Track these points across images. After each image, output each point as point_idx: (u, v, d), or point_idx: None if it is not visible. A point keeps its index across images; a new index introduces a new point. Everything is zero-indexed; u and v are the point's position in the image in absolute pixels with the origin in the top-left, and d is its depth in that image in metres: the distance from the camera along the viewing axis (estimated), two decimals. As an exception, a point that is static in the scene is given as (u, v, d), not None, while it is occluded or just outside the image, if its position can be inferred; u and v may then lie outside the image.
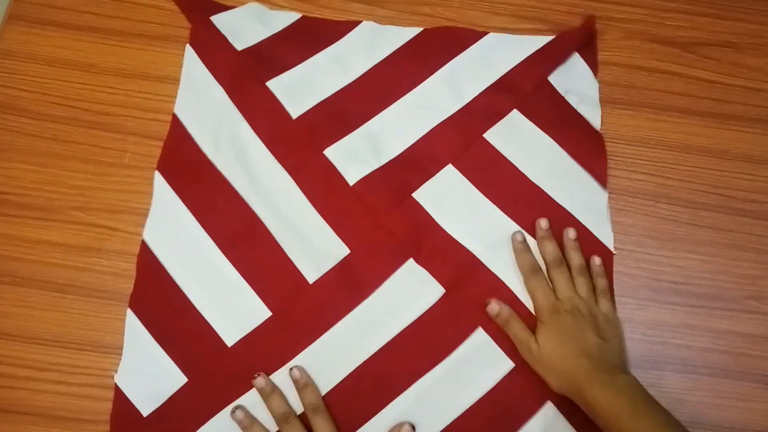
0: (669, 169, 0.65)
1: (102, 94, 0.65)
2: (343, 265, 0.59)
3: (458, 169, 0.62)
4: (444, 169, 0.62)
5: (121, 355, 0.57)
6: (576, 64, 0.67)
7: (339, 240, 0.60)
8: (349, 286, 0.58)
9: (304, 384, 0.55)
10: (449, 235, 0.60)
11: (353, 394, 0.56)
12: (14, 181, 0.62)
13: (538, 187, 0.62)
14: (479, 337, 0.58)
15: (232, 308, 0.58)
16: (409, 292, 0.59)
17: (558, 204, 0.62)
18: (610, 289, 0.60)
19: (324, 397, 0.55)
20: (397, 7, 0.69)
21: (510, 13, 0.70)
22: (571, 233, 0.60)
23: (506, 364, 0.57)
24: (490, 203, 0.62)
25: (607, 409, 0.50)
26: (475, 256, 0.60)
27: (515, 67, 0.66)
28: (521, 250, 0.60)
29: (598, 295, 0.58)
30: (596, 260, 0.60)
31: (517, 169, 0.63)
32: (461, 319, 0.58)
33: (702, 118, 0.67)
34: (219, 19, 0.66)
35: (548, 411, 0.56)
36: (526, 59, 0.66)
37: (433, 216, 0.61)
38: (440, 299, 0.59)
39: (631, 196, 0.64)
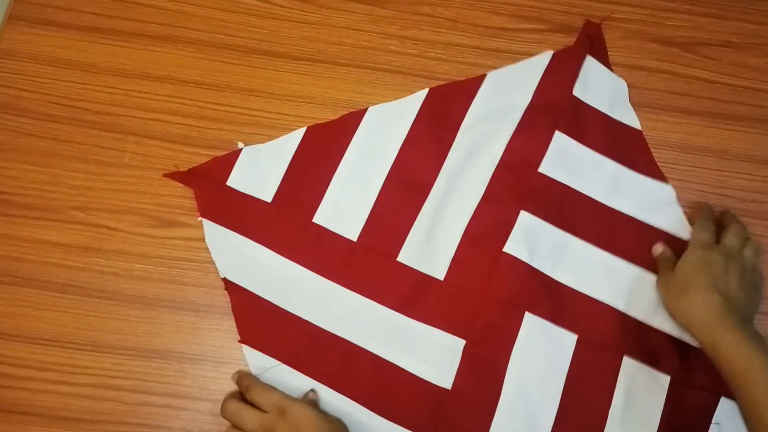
0: (669, 169, 0.65)
1: (102, 94, 0.65)
2: (466, 355, 0.58)
3: (532, 213, 0.61)
4: (519, 216, 0.61)
5: (121, 354, 0.57)
6: (592, 70, 0.66)
7: (450, 336, 0.58)
8: (483, 366, 0.58)
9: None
10: (553, 279, 0.60)
11: None
12: (14, 181, 0.62)
13: (609, 208, 0.62)
14: (629, 364, 0.58)
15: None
16: (544, 349, 0.58)
17: (635, 219, 0.62)
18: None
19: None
20: (397, 6, 0.69)
21: (510, 13, 0.70)
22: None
23: (665, 379, 0.58)
24: (573, 237, 0.61)
25: (737, 357, 0.49)
26: (585, 295, 0.60)
27: (536, 91, 0.65)
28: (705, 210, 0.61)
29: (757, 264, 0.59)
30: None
31: (583, 194, 0.62)
32: (606, 356, 0.58)
33: (702, 118, 0.67)
34: (234, 180, 0.62)
35: (724, 406, 0.57)
36: (542, 80, 0.65)
37: (530, 263, 0.60)
38: (577, 345, 0.58)
39: (631, 196, 0.64)
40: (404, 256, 0.60)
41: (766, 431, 0.46)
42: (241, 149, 0.62)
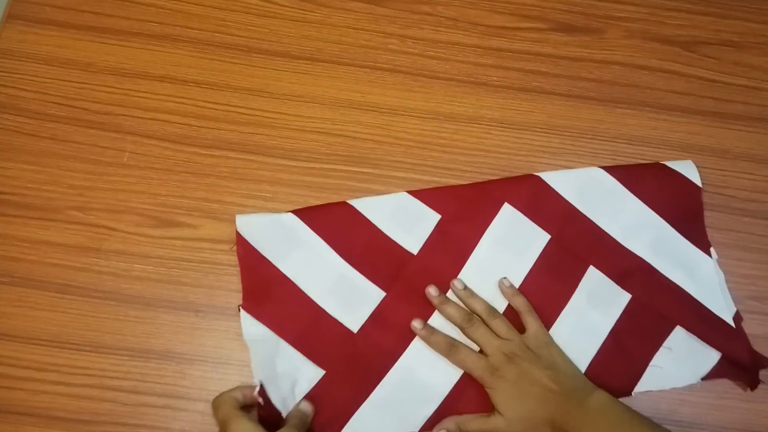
0: (670, 169, 0.65)
1: (101, 94, 0.65)
2: (439, 229, 0.60)
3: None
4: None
5: (120, 354, 0.56)
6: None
7: (429, 209, 0.61)
8: (452, 247, 0.60)
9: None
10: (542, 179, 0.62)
11: None
12: (13, 181, 0.61)
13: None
14: (594, 275, 0.60)
15: (347, 296, 0.58)
16: (515, 240, 0.60)
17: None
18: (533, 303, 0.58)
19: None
20: (397, 5, 0.69)
21: (510, 12, 0.70)
22: (457, 284, 0.59)
23: (625, 297, 0.59)
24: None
25: None
26: (568, 202, 0.62)
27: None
28: (427, 334, 0.57)
29: (522, 318, 0.57)
30: (504, 282, 0.59)
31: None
32: (573, 261, 0.60)
33: (703, 118, 0.67)
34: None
35: (678, 334, 0.58)
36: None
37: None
38: (548, 244, 0.60)
39: (632, 195, 0.64)
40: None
41: None
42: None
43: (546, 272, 0.60)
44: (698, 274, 0.60)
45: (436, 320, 0.58)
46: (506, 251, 0.60)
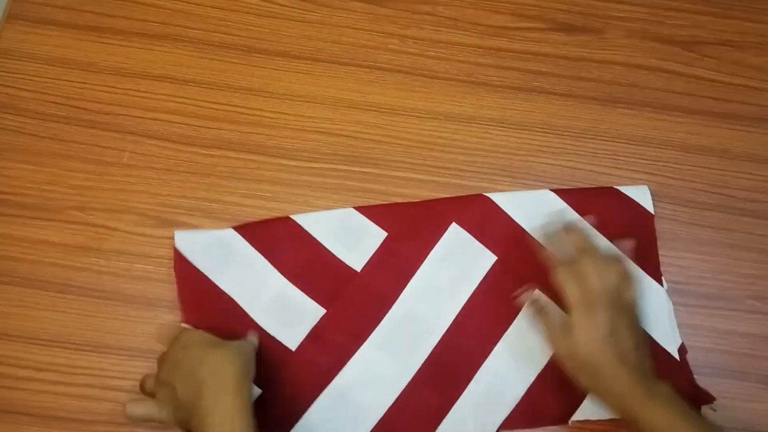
0: (670, 169, 0.65)
1: (101, 93, 0.65)
2: (384, 247, 0.60)
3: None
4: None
5: (120, 354, 0.57)
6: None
7: (376, 226, 0.60)
8: (396, 265, 0.59)
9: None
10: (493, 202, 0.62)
11: (438, 371, 0.57)
12: (13, 181, 0.61)
13: None
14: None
15: (285, 313, 0.58)
16: (461, 259, 0.60)
17: None
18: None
19: (410, 382, 0.57)
20: (397, 5, 0.69)
21: (510, 12, 0.70)
22: (590, 220, 0.60)
23: None
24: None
25: (659, 424, 0.49)
26: (522, 228, 0.61)
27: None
28: (548, 242, 0.58)
29: (627, 283, 0.55)
30: (626, 244, 0.59)
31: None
32: (518, 284, 0.59)
33: (703, 117, 0.67)
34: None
35: None
36: None
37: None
38: (494, 266, 0.60)
39: (632, 195, 0.64)
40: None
41: None
42: None
43: (490, 294, 0.59)
44: (648, 303, 0.57)
45: (375, 340, 0.58)
46: (451, 271, 0.60)
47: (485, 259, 0.60)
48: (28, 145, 0.63)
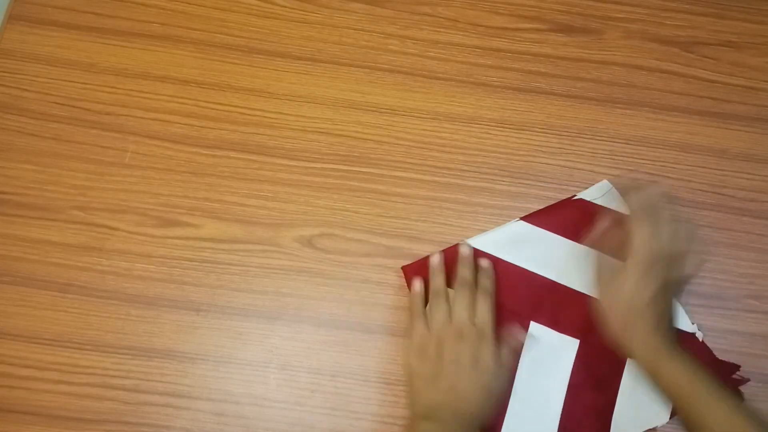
0: (669, 169, 0.65)
1: (103, 94, 0.65)
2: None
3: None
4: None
5: (122, 353, 0.57)
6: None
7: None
8: None
9: (487, 272, 0.59)
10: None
11: None
12: (15, 181, 0.62)
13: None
14: (536, 328, 0.59)
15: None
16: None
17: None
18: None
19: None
20: (397, 6, 0.69)
21: (510, 13, 0.70)
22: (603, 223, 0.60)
23: (572, 344, 0.59)
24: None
25: (679, 380, 0.51)
26: (507, 261, 0.61)
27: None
28: (626, 192, 0.59)
29: (688, 253, 0.58)
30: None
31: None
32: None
33: (701, 118, 0.67)
34: None
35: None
36: None
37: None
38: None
39: (631, 195, 0.64)
40: None
41: None
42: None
43: None
44: None
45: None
46: None
47: None
48: (30, 145, 0.63)
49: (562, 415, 0.57)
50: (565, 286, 0.60)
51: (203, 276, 0.60)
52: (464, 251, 0.60)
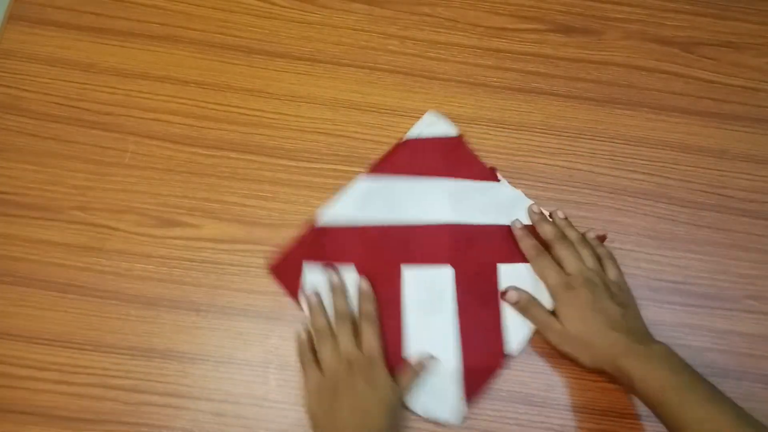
0: (668, 169, 0.65)
1: (102, 94, 0.65)
2: None
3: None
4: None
5: (121, 354, 0.57)
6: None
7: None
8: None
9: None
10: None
11: None
12: (15, 181, 0.62)
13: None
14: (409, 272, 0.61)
15: None
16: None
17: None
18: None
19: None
20: (396, 6, 0.69)
21: (510, 13, 0.70)
22: (560, 213, 0.62)
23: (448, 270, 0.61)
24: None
25: (651, 382, 0.51)
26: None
27: None
28: (522, 236, 0.60)
29: (603, 262, 0.59)
30: (590, 233, 0.61)
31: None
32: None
33: (701, 118, 0.67)
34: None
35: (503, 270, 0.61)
36: None
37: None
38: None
39: (631, 195, 0.64)
40: None
41: None
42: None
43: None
44: (500, 201, 0.62)
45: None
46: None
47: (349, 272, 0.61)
48: (30, 145, 0.63)
49: (461, 340, 0.58)
50: (423, 224, 0.62)
51: (203, 276, 0.60)
52: (334, 280, 0.59)
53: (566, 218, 0.62)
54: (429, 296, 0.60)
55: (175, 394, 0.57)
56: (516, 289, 0.59)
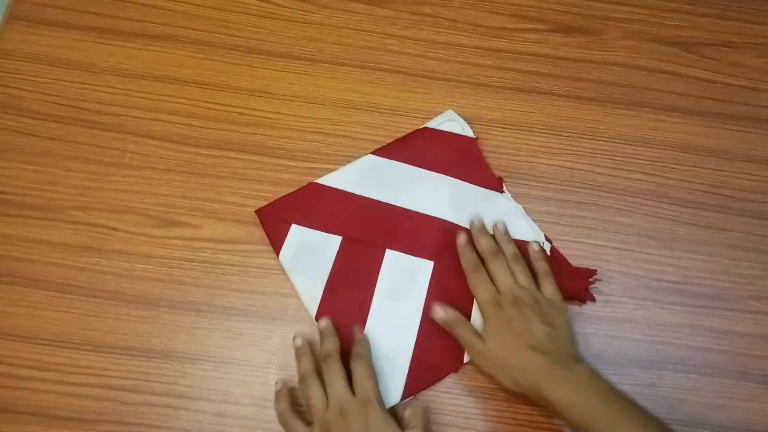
0: (669, 169, 0.65)
1: (102, 94, 0.65)
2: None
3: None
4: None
5: (121, 354, 0.57)
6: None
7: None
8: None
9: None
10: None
11: None
12: (14, 181, 0.62)
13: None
14: (390, 257, 0.61)
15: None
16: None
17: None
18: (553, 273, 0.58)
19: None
20: (396, 6, 0.69)
21: (510, 13, 0.70)
22: (500, 226, 0.61)
23: (428, 264, 0.61)
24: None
25: (573, 407, 0.49)
26: (364, 197, 0.62)
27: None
28: (464, 249, 0.59)
29: (540, 279, 0.58)
30: (534, 245, 0.60)
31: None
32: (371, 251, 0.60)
33: (702, 118, 0.67)
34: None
35: None
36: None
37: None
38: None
39: (631, 195, 0.64)
40: None
41: None
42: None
43: (346, 271, 0.60)
44: (497, 213, 0.62)
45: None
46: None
47: (332, 242, 0.61)
48: (30, 145, 0.63)
49: (419, 333, 0.58)
50: (417, 213, 0.62)
51: (203, 276, 0.60)
52: (322, 325, 0.56)
53: (506, 232, 0.60)
54: (402, 282, 0.60)
55: (175, 394, 0.57)
56: (443, 306, 0.57)
